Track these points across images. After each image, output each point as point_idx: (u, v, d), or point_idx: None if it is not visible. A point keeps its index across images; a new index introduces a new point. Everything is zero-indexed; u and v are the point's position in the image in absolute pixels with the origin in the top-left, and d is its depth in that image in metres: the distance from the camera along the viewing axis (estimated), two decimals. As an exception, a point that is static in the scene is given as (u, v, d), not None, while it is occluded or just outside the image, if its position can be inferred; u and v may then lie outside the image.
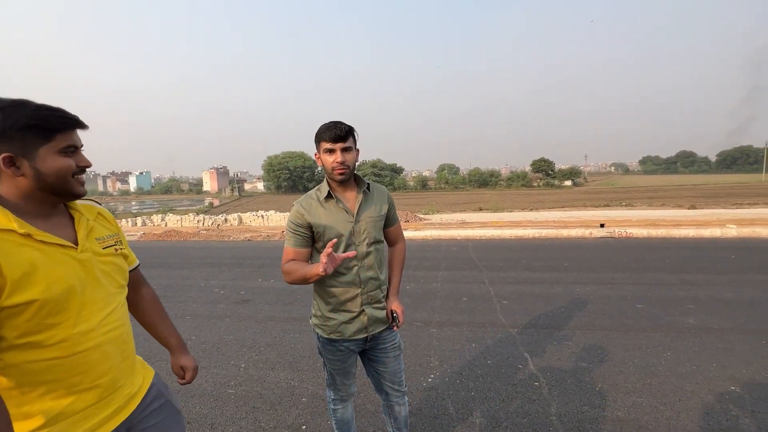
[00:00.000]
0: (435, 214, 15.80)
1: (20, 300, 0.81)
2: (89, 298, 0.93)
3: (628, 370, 2.77)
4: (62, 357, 0.88)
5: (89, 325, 0.92)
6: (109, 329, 0.97)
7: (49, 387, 0.87)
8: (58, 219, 0.96)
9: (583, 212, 15.49)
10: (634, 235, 8.68)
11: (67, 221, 0.98)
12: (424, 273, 5.81)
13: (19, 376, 0.85)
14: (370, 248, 1.60)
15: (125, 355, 1.03)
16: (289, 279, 1.51)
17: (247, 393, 2.62)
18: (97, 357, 0.94)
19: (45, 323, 0.85)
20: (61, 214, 0.98)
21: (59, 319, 0.87)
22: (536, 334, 3.43)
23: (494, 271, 5.82)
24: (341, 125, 1.50)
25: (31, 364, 0.85)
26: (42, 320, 0.85)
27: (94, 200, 1.10)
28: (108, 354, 0.96)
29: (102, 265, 0.99)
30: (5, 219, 0.84)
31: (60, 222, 0.96)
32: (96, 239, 1.01)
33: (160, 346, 1.32)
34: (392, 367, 1.71)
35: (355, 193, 1.61)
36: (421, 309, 4.21)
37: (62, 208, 0.99)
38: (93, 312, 0.93)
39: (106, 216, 1.11)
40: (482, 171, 69.82)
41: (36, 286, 0.83)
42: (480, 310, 4.10)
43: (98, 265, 0.98)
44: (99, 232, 1.03)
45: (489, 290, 4.81)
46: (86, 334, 0.91)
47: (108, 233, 1.06)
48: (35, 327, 0.84)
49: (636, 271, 5.51)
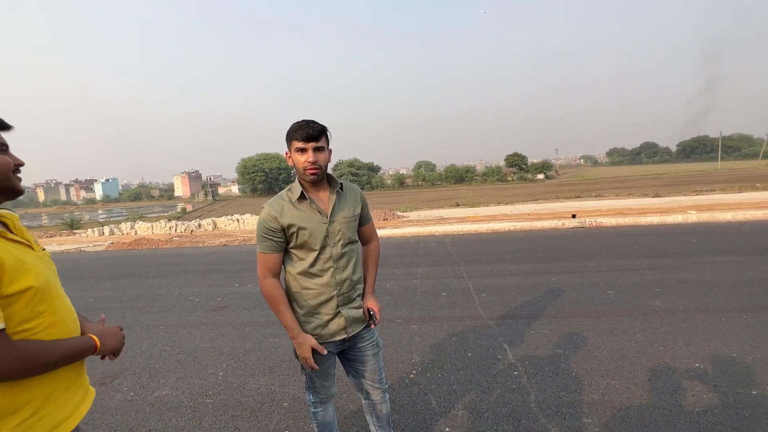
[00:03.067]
0: (413, 212, 15.90)
1: (20, 287, 0.86)
2: (56, 292, 0.99)
3: (602, 354, 2.87)
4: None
5: (63, 315, 0.98)
6: (74, 319, 1.04)
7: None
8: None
9: (556, 204, 15.98)
10: (604, 224, 9.03)
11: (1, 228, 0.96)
12: (403, 270, 5.83)
13: None
14: (344, 249, 1.59)
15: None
16: (266, 299, 1.55)
17: (226, 402, 2.55)
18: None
19: (35, 311, 0.90)
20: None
21: (44, 307, 0.92)
22: (514, 325, 3.51)
23: (472, 265, 5.91)
24: (314, 124, 1.47)
25: None
26: (33, 308, 0.90)
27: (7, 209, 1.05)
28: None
29: (50, 264, 1.04)
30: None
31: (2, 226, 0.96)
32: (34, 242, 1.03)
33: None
34: (371, 365, 1.70)
35: (329, 194, 1.59)
36: (402, 306, 4.23)
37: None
38: (63, 303, 1.00)
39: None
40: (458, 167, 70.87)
41: (28, 274, 0.89)
42: (459, 304, 4.16)
43: (49, 264, 1.03)
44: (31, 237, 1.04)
45: (468, 284, 4.88)
46: (63, 321, 0.98)
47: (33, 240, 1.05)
48: (28, 314, 0.89)
49: (606, 259, 5.73)
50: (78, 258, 9.43)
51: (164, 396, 2.67)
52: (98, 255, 9.70)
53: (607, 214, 10.53)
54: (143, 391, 2.77)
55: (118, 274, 7.00)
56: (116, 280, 6.45)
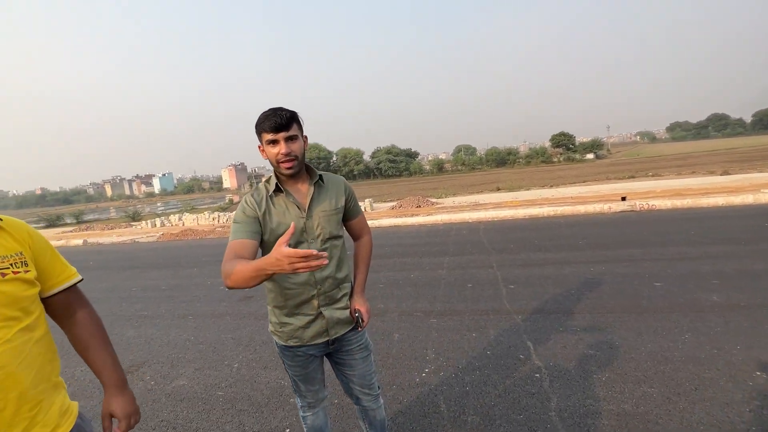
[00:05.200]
0: (448, 198, 15.49)
1: None
2: None
3: (640, 356, 2.55)
4: None
5: None
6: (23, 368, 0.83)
7: None
8: None
9: (605, 186, 14.83)
10: (657, 207, 8.20)
11: None
12: (429, 260, 5.64)
13: None
14: (325, 245, 1.46)
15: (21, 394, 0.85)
16: (230, 281, 1.14)
17: (236, 395, 2.56)
18: None
19: None
20: None
21: None
22: (542, 321, 3.23)
23: (504, 253, 5.59)
24: (281, 112, 1.34)
25: None
26: None
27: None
28: None
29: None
30: None
31: None
32: None
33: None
34: (360, 370, 1.58)
35: (308, 185, 1.46)
36: (423, 298, 4.07)
37: None
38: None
39: (11, 230, 0.93)
40: (499, 150, 68.05)
41: None
42: (484, 297, 3.92)
43: None
44: None
45: (496, 274, 4.61)
46: None
47: (4, 252, 0.88)
48: None
49: (657, 246, 5.16)
50: (131, 249, 10.17)
51: (180, 387, 2.74)
52: (149, 246, 10.39)
53: (662, 195, 9.57)
54: (163, 380, 2.87)
55: (162, 263, 7.44)
56: (159, 270, 6.85)
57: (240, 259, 1.22)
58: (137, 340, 3.68)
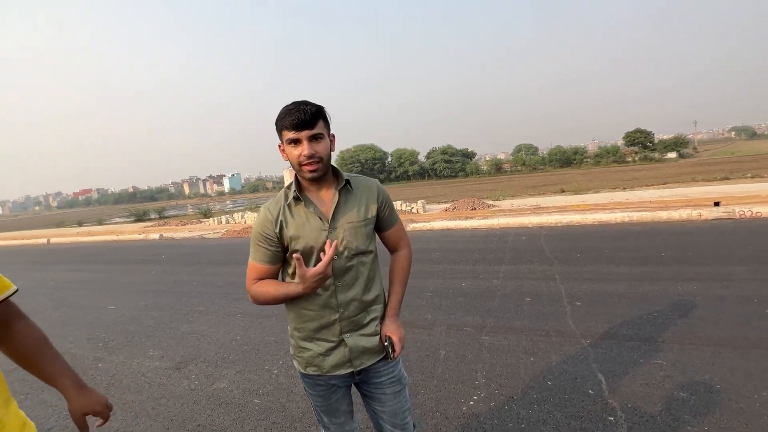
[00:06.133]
0: (506, 200, 14.66)
1: None
2: None
3: (751, 406, 2.02)
4: None
5: None
6: None
7: None
8: None
9: (692, 189, 13.03)
10: (763, 214, 6.92)
11: None
12: (483, 268, 5.24)
13: None
14: (350, 262, 1.26)
15: None
16: (257, 303, 1.28)
17: (272, 405, 2.47)
18: None
19: None
20: None
21: None
22: (616, 348, 2.76)
23: (569, 264, 5.01)
24: (305, 106, 1.16)
25: None
26: None
27: None
28: None
29: None
30: None
31: None
32: None
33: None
34: (391, 407, 1.35)
35: (333, 192, 1.27)
36: (475, 311, 3.73)
37: None
38: None
39: None
40: (564, 149, 63.60)
41: None
42: (545, 314, 3.49)
43: None
44: None
45: (559, 288, 4.12)
46: None
47: None
48: None
49: (765, 263, 4.28)
50: (198, 244, 10.92)
51: (220, 389, 2.73)
52: (214, 242, 11.09)
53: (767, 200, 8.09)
54: (206, 381, 2.88)
55: (221, 260, 7.83)
56: (218, 266, 7.20)
57: (266, 283, 1.26)
58: (189, 336, 3.80)
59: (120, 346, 3.74)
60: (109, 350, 3.66)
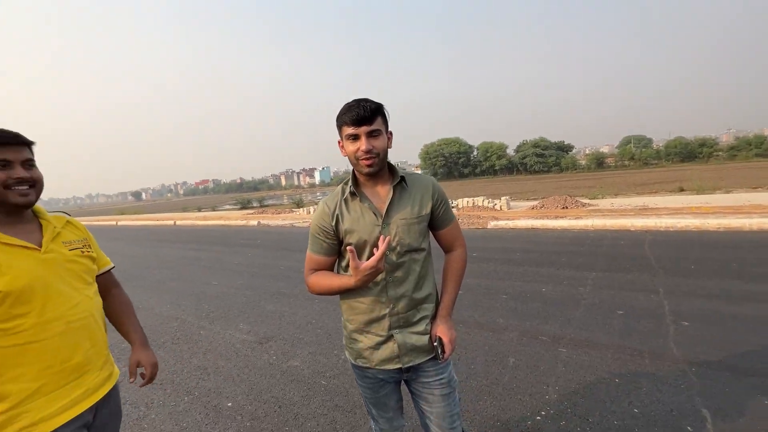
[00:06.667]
0: (605, 198, 13.09)
1: None
2: (54, 292, 1.05)
3: None
4: (32, 342, 1.00)
5: (55, 315, 1.04)
6: (75, 319, 1.08)
7: (22, 370, 0.99)
8: (25, 226, 1.10)
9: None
10: None
11: (35, 228, 1.12)
12: (570, 272, 4.78)
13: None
14: (402, 258, 1.26)
15: (94, 342, 1.14)
16: (313, 292, 1.35)
17: (337, 388, 2.61)
18: (65, 343, 1.05)
19: (11, 313, 0.98)
20: (29, 222, 1.12)
21: (25, 310, 0.99)
22: (731, 383, 2.29)
23: (678, 276, 4.30)
24: (365, 103, 1.19)
25: (2, 350, 0.97)
26: (8, 310, 0.97)
27: (64, 212, 1.27)
28: (76, 341, 1.08)
29: (68, 264, 1.12)
30: None
31: (27, 228, 1.09)
32: (63, 242, 1.14)
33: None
34: (439, 408, 1.32)
35: (388, 188, 1.28)
36: (553, 319, 3.43)
37: (31, 217, 1.13)
38: (58, 304, 1.05)
39: (75, 224, 1.26)
40: (687, 140, 54.12)
41: (1, 278, 0.96)
42: (640, 331, 3.05)
43: (63, 264, 1.11)
44: (66, 237, 1.17)
45: (662, 303, 3.56)
46: (52, 322, 1.03)
47: (76, 238, 1.21)
48: (3, 315, 0.97)
49: None
50: (289, 231, 11.94)
51: (294, 367, 2.96)
52: (302, 230, 12.01)
53: None
54: (283, 357, 3.16)
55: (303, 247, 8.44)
56: (304, 253, 7.76)
57: (322, 274, 1.33)
58: (272, 315, 4.19)
59: (218, 317, 4.30)
60: (210, 320, 4.23)
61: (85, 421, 1.08)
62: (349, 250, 1.16)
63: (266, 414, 2.39)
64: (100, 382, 1.14)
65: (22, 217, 1.10)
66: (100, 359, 1.16)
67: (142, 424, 2.40)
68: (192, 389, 2.76)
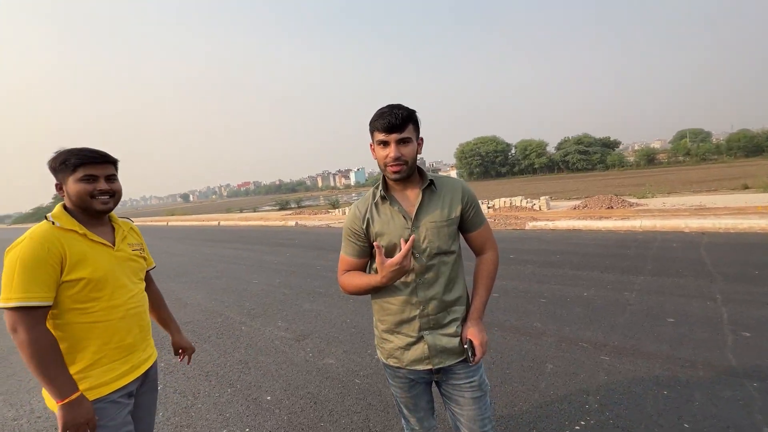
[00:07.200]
0: (655, 197, 12.25)
1: (75, 276, 1.18)
2: (120, 283, 1.28)
3: None
4: (99, 321, 1.23)
5: (119, 302, 1.27)
6: (131, 307, 1.31)
7: (90, 342, 1.22)
8: (104, 227, 1.35)
9: None
10: None
11: (109, 229, 1.37)
12: (615, 276, 4.53)
13: (70, 332, 1.20)
14: (432, 261, 1.27)
15: (142, 327, 1.36)
16: (346, 292, 1.37)
17: (370, 387, 2.65)
18: (123, 325, 1.29)
19: (89, 296, 1.21)
20: (106, 225, 1.37)
21: (99, 295, 1.23)
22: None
23: (738, 282, 3.95)
24: (398, 111, 1.22)
25: (78, 324, 1.21)
26: (87, 294, 1.21)
27: (128, 218, 1.52)
28: (130, 325, 1.31)
29: (130, 262, 1.36)
30: (71, 222, 1.24)
31: (105, 230, 1.35)
32: (128, 244, 1.39)
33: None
34: (469, 411, 1.32)
35: (418, 191, 1.30)
36: (596, 325, 3.27)
37: (107, 221, 1.38)
38: (122, 293, 1.28)
39: (135, 230, 1.51)
40: (754, 132, 49.20)
41: (86, 268, 1.20)
42: (694, 341, 2.84)
43: (128, 261, 1.35)
44: (130, 240, 1.42)
45: (720, 311, 3.29)
46: (117, 307, 1.27)
47: (136, 242, 1.44)
48: (83, 297, 1.20)
49: None
50: (325, 232, 12.22)
51: (328, 365, 3.04)
52: (337, 230, 12.26)
53: None
54: (318, 355, 3.25)
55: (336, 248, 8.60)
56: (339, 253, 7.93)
57: (353, 274, 1.36)
58: (309, 313, 4.32)
59: (258, 314, 4.49)
60: (251, 316, 4.43)
61: (129, 390, 1.30)
62: (376, 246, 1.19)
63: (302, 409, 2.47)
64: (143, 360, 1.36)
65: (102, 220, 1.34)
66: (144, 342, 1.38)
67: (190, 412, 2.56)
68: (234, 382, 2.91)
